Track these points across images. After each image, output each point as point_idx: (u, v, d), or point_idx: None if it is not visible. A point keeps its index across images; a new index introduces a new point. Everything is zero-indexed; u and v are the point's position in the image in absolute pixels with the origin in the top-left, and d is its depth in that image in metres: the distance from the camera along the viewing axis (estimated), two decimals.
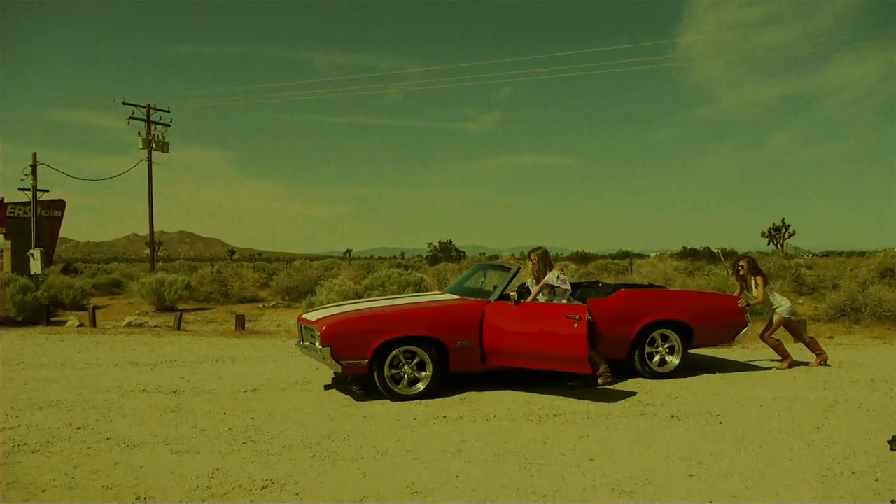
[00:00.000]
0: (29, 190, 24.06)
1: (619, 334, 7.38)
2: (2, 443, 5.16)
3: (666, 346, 7.62)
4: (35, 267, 19.48)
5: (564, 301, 7.04)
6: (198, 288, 19.00)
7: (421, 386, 6.67)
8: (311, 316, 7.13)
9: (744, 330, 7.98)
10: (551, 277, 7.11)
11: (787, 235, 52.06)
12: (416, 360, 6.69)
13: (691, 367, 8.13)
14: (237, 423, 5.76)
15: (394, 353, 6.58)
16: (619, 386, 7.11)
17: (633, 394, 6.73)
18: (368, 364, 6.52)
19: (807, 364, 8.22)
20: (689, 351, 7.75)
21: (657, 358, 7.58)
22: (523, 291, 7.48)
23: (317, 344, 6.57)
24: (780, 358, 8.23)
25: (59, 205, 27.95)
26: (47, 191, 25.30)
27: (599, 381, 7.12)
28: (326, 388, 7.23)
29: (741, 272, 8.30)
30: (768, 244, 53.13)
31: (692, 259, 36.40)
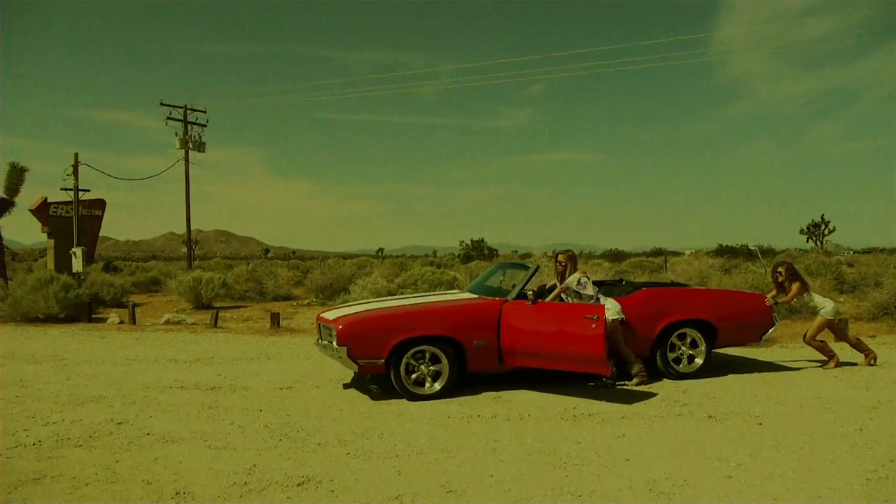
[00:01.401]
0: (71, 190, 24.61)
1: (642, 334, 7.24)
2: (46, 437, 5.30)
3: (689, 345, 7.45)
4: (77, 265, 19.92)
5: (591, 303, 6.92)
6: (233, 286, 19.26)
7: (437, 386, 6.61)
8: (329, 315, 7.11)
9: (771, 329, 7.76)
10: (572, 280, 7.04)
11: (826, 232, 50.98)
12: (433, 361, 6.64)
13: (729, 366, 8.00)
14: (273, 420, 5.83)
15: (410, 352, 6.54)
16: (655, 386, 7.02)
17: (669, 394, 6.63)
18: (385, 363, 6.50)
19: (854, 364, 7.99)
20: (726, 350, 7.58)
21: (682, 358, 7.41)
22: (542, 291, 7.41)
23: (334, 343, 6.55)
24: (825, 359, 8.02)
25: (100, 204, 28.53)
26: (88, 190, 25.84)
27: (634, 380, 7.04)
28: (361, 386, 7.27)
29: (780, 279, 8.07)
30: (807, 241, 52.09)
31: (728, 257, 35.80)
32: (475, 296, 7.42)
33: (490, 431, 5.39)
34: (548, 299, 7.09)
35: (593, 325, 6.18)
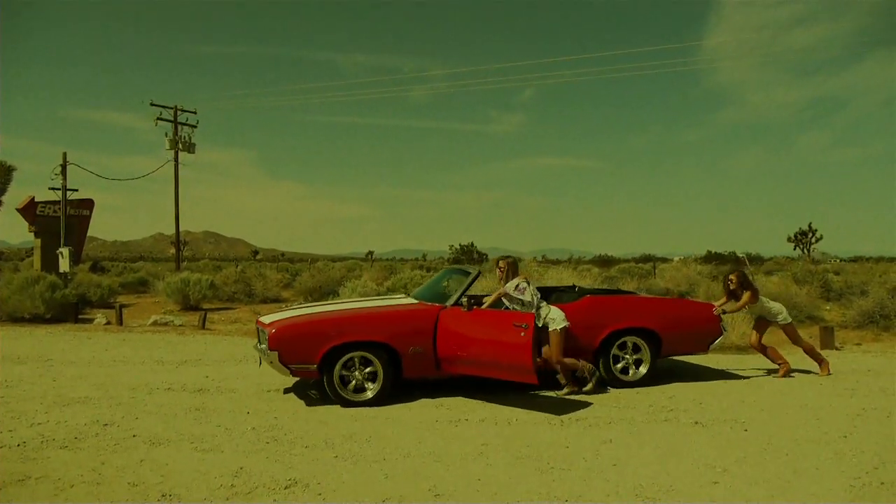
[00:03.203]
0: (59, 189, 24.42)
1: (584, 341, 7.16)
2: (31, 438, 5.26)
3: (633, 354, 7.40)
4: (64, 265, 19.78)
5: (532, 311, 6.75)
6: (222, 287, 19.19)
7: (370, 393, 6.51)
8: (267, 319, 6.96)
9: (719, 339, 7.71)
10: (510, 286, 6.93)
11: (813, 240, 51.43)
12: (368, 366, 6.55)
13: (715, 373, 8.05)
14: (260, 422, 5.81)
15: (343, 358, 6.45)
16: (642, 391, 7.05)
17: (656, 400, 6.67)
18: (318, 369, 6.42)
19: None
20: (712, 358, 7.59)
21: (626, 366, 7.36)
22: (479, 298, 7.34)
23: (266, 347, 6.47)
24: (813, 366, 8.08)
25: (88, 204, 28.34)
26: (76, 190, 25.64)
27: (564, 390, 6.94)
28: None
29: (731, 286, 8.04)
30: (794, 249, 52.51)
31: (717, 263, 36.01)
32: (416, 301, 7.31)
33: (478, 435, 5.39)
34: (485, 305, 6.98)
35: (522, 334, 6.07)
